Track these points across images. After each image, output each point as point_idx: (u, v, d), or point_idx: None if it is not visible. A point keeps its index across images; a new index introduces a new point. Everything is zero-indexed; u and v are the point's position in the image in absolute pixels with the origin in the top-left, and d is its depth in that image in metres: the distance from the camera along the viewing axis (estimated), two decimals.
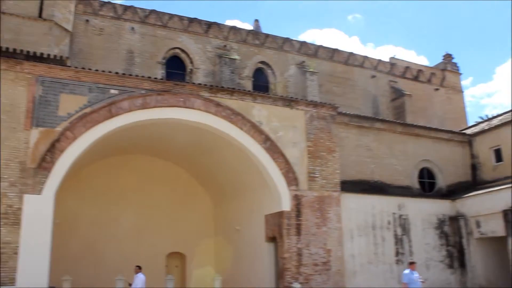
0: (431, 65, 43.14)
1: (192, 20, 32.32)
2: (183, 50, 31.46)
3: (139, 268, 17.89)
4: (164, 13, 31.71)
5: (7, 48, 18.06)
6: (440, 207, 24.16)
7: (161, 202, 25.15)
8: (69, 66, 18.43)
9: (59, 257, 18.54)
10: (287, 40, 35.25)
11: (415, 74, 40.25)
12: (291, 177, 20.27)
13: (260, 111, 20.45)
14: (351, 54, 37.63)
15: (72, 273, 18.87)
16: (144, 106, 18.39)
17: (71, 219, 22.22)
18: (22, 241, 15.87)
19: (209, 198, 26.57)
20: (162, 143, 22.95)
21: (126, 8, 30.84)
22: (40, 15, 25.74)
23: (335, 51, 36.95)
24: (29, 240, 15.91)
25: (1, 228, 15.75)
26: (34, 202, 16.31)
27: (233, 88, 21.59)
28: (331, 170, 21.25)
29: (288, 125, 20.86)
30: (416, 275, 16.28)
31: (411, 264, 16.73)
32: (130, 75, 19.44)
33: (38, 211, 16.29)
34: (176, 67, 30.95)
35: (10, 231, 15.86)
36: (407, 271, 16.53)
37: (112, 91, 18.05)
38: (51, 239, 16.47)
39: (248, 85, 32.22)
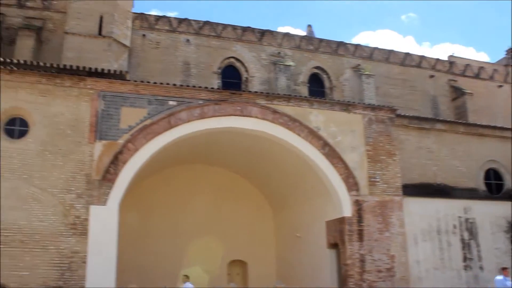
0: (493, 61, 41.57)
1: (245, 29, 32.61)
2: (238, 59, 31.77)
3: (186, 278, 17.91)
4: (217, 24, 32.16)
5: (71, 66, 18.81)
6: (510, 210, 23.10)
7: (221, 210, 25.37)
8: (129, 80, 18.97)
9: (124, 266, 19.02)
10: (341, 43, 34.93)
11: (476, 71, 38.87)
12: (351, 182, 19.98)
13: (317, 117, 20.31)
14: (407, 54, 36.82)
15: (137, 281, 19.32)
16: (202, 116, 18.67)
17: (134, 229, 22.74)
18: (90, 250, 16.43)
19: (269, 205, 26.59)
20: (219, 152, 23.20)
21: (180, 21, 31.48)
22: (99, 33, 26.72)
23: (390, 52, 36.28)
24: (96, 250, 16.44)
25: (70, 238, 16.39)
26: (100, 213, 16.85)
27: (289, 95, 21.58)
28: (392, 174, 20.80)
29: (346, 130, 20.60)
30: (509, 281, 15.44)
31: (504, 269, 15.85)
32: (188, 86, 19.86)
33: (103, 222, 16.81)
34: (231, 76, 31.30)
35: (78, 241, 16.47)
36: (500, 277, 15.64)
37: (171, 102, 18.44)
38: (116, 249, 16.95)
39: (304, 91, 32.12)
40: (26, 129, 17.26)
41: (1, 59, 18.44)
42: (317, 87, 33.21)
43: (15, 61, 18.62)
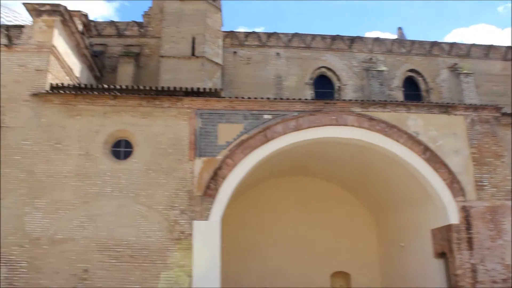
0: None
1: (334, 38, 32.38)
2: (329, 69, 31.58)
3: None
4: (306, 35, 32.21)
5: (168, 87, 19.61)
6: None
7: (320, 221, 25.17)
8: (224, 97, 19.45)
9: (227, 279, 19.36)
10: (435, 43, 33.62)
11: None
12: (456, 188, 19.03)
13: (416, 121, 19.63)
14: (509, 48, 34.65)
15: None
16: (297, 128, 18.71)
17: (235, 243, 23.11)
18: (195, 264, 16.91)
19: (369, 213, 26.00)
20: (315, 163, 23.08)
21: (269, 35, 31.90)
22: (193, 54, 27.76)
23: (490, 47, 34.30)
24: (201, 264, 16.89)
25: (176, 253, 16.98)
26: (203, 227, 17.33)
27: (385, 101, 21.12)
28: (501, 177, 19.54)
29: (448, 133, 19.70)
30: None
31: None
32: (281, 99, 19.99)
33: (206, 236, 17.25)
34: (324, 86, 31.15)
35: (184, 256, 17.01)
36: None
37: (266, 116, 18.67)
38: (220, 262, 17.31)
39: (399, 95, 31.23)
40: (130, 150, 18.30)
41: (106, 86, 19.67)
42: (412, 91, 32.18)
43: (118, 87, 19.78)
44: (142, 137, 18.22)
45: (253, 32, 32.00)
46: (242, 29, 49.61)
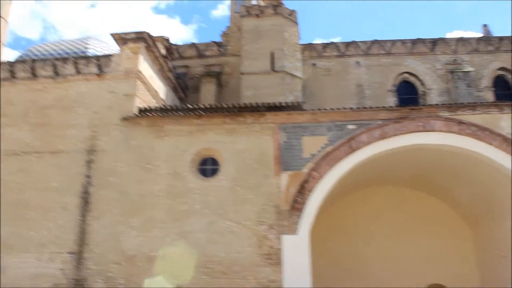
0: None
1: (415, 42, 31.45)
2: (411, 74, 30.67)
3: None
4: (385, 41, 31.55)
5: (250, 104, 19.88)
6: None
7: (412, 231, 24.24)
8: (306, 110, 19.42)
9: None
10: None
11: None
12: None
13: (510, 122, 18.53)
14: None
15: None
16: (382, 137, 18.25)
17: (323, 256, 22.77)
18: (285, 279, 16.82)
19: (464, 222, 24.71)
20: (402, 171, 22.35)
21: (348, 44, 31.55)
22: (272, 69, 28.02)
23: None
24: (291, 278, 16.77)
25: (266, 268, 17.00)
26: (292, 242, 17.22)
27: (474, 102, 20.12)
28: None
29: None
30: None
31: None
32: (365, 108, 19.62)
33: (296, 250, 17.13)
34: (407, 92, 30.27)
35: (274, 271, 16.99)
36: None
37: (350, 126, 18.38)
38: (310, 276, 17.12)
39: (489, 96, 29.68)
40: (217, 167, 18.64)
41: (190, 106, 20.26)
42: (503, 90, 30.48)
43: (202, 106, 20.29)
44: (227, 154, 18.54)
45: (331, 43, 31.80)
46: (318, 40, 49.54)
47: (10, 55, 78.37)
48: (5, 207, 19.21)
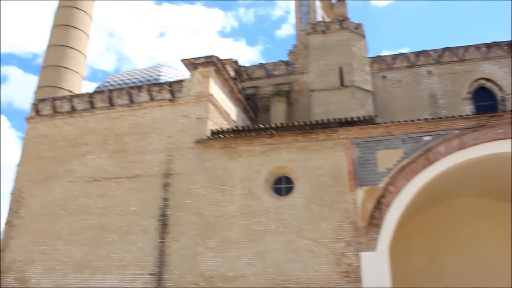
0: None
1: (490, 46, 30.13)
2: (488, 79, 29.34)
3: None
4: (457, 47, 30.44)
5: (322, 120, 19.76)
6: None
7: (498, 244, 22.97)
8: (379, 123, 19.02)
9: None
10: None
11: None
12: None
13: None
14: None
15: None
16: (461, 147, 17.52)
17: (403, 272, 21.98)
18: None
19: None
20: (484, 182, 21.28)
21: (418, 54, 30.72)
22: (342, 84, 27.75)
23: None
24: None
25: (345, 287, 16.64)
26: (371, 258, 16.80)
27: None
28: None
29: None
30: None
31: None
32: (440, 118, 18.90)
33: (375, 267, 16.67)
34: (484, 99, 28.93)
35: None
36: None
37: (425, 138, 17.82)
38: None
39: None
40: (291, 185, 18.60)
41: (262, 126, 20.40)
42: None
43: (273, 125, 20.38)
44: (301, 171, 18.47)
45: (401, 54, 31.10)
46: (386, 52, 48.73)
47: (88, 87, 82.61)
48: (88, 231, 20.12)
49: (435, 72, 29.96)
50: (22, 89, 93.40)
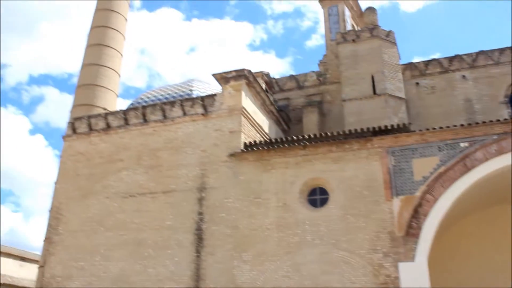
0: None
1: None
2: None
3: None
4: (492, 50, 29.78)
5: (355, 130, 19.58)
6: None
7: None
8: (413, 131, 18.71)
9: None
10: None
11: None
12: None
13: None
14: None
15: None
16: (500, 152, 17.05)
17: (443, 283, 21.41)
18: None
19: None
20: None
21: (451, 59, 30.20)
22: (374, 92, 27.46)
23: None
24: None
25: None
26: (409, 269, 16.45)
27: None
28: None
29: None
30: None
31: None
32: (477, 123, 18.48)
33: (414, 278, 16.30)
34: None
35: None
36: None
37: (462, 144, 17.43)
38: None
39: None
40: (326, 196, 18.45)
41: (295, 138, 20.33)
42: None
43: (306, 136, 20.26)
44: (336, 182, 18.30)
45: (433, 60, 30.65)
46: (417, 59, 48.12)
47: (122, 104, 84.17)
48: (125, 246, 20.35)
49: (469, 76, 29.38)
50: (58, 108, 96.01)
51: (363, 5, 37.01)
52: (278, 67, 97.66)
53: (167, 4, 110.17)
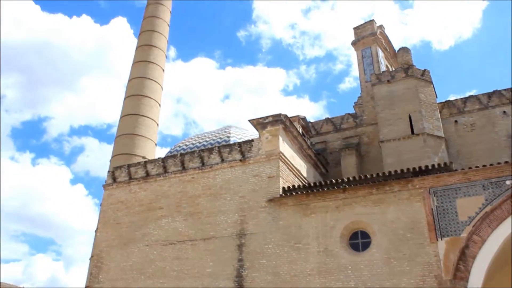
0: None
1: None
2: None
3: None
4: None
5: (395, 171, 19.24)
6: None
7: None
8: (455, 170, 18.25)
9: None
10: None
11: None
12: None
13: None
14: None
15: None
16: None
17: None
18: None
19: None
20: None
21: (489, 95, 29.76)
22: (412, 132, 27.10)
23: None
24: None
25: None
26: None
27: None
28: None
29: None
30: None
31: None
32: None
33: None
34: None
35: None
36: None
37: (508, 182, 16.84)
38: None
39: None
40: (368, 240, 18.02)
41: (334, 181, 20.11)
42: None
43: (345, 179, 20.03)
44: (377, 225, 17.89)
45: (471, 96, 30.24)
46: (453, 96, 47.53)
47: (159, 152, 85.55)
48: None
49: (510, 112, 28.75)
50: (98, 157, 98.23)
51: (396, 45, 36.99)
52: (312, 111, 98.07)
53: (201, 53, 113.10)
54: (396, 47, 35.67)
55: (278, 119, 21.57)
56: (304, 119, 27.61)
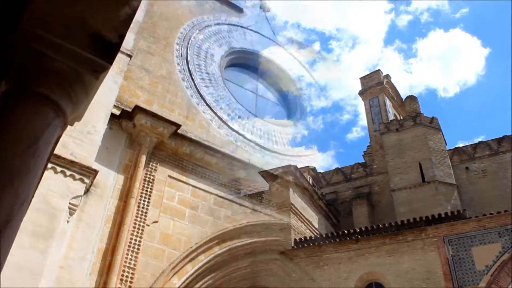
0: None
1: None
2: None
3: None
4: None
5: (408, 220, 19.02)
6: None
7: None
8: (469, 218, 18.03)
9: None
10: None
11: None
12: None
13: None
14: None
15: None
16: None
17: None
18: None
19: None
20: None
21: (499, 140, 29.72)
22: (423, 180, 26.96)
23: None
24: None
25: None
26: None
27: None
28: None
29: None
30: None
31: None
32: None
33: None
34: None
35: None
36: None
37: None
38: None
39: None
40: None
41: (346, 232, 19.91)
42: None
43: (357, 229, 19.82)
44: (392, 276, 17.52)
45: (481, 142, 30.21)
46: (462, 143, 47.59)
47: None
48: None
49: None
50: None
51: (402, 93, 37.32)
52: (321, 161, 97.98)
53: None
54: (402, 96, 36.05)
55: (288, 171, 21.57)
56: (314, 169, 27.61)
